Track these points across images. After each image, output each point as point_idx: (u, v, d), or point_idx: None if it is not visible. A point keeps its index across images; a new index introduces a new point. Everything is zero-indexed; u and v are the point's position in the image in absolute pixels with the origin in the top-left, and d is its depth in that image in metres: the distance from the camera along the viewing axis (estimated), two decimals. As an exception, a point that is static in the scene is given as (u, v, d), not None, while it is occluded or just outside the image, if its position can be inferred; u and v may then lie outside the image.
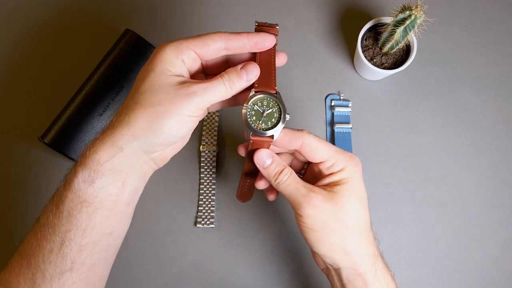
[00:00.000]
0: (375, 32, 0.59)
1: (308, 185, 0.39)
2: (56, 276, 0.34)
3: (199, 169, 0.59)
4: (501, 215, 0.58)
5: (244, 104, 0.39)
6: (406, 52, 0.58)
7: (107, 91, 0.57)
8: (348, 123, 0.61)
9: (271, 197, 0.45)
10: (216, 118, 0.61)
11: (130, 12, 0.65)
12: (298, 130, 0.40)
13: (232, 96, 0.39)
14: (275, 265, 0.57)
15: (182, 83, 0.36)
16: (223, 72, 0.38)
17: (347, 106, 0.61)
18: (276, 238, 0.58)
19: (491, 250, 0.57)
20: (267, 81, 0.39)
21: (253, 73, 0.38)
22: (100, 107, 0.57)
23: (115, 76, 0.58)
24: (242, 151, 0.42)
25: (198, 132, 0.61)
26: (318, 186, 0.39)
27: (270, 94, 0.39)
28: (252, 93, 0.39)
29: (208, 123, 0.61)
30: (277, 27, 0.40)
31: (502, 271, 0.56)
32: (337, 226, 0.38)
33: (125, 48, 0.58)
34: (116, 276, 0.56)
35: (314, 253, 0.43)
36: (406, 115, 0.61)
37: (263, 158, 0.40)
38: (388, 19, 0.56)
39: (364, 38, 0.59)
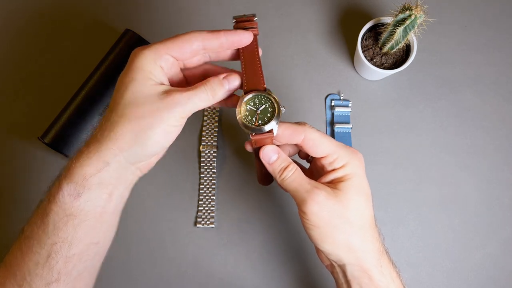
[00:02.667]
0: (375, 32, 0.59)
1: (312, 181, 0.39)
2: (43, 287, 0.35)
3: (199, 169, 0.59)
4: (501, 215, 0.58)
5: (237, 107, 0.39)
6: (406, 52, 0.58)
7: (107, 91, 0.57)
8: (348, 123, 0.61)
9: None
10: (216, 118, 0.61)
11: (130, 12, 0.65)
12: (299, 123, 0.40)
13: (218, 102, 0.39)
14: (275, 265, 0.57)
15: (166, 92, 0.36)
16: (205, 81, 0.37)
17: (347, 106, 0.61)
18: (276, 238, 0.58)
19: (491, 250, 0.57)
20: (254, 80, 0.39)
21: (234, 82, 0.39)
22: (100, 107, 0.57)
23: (115, 76, 0.58)
24: (248, 147, 0.42)
25: (198, 132, 0.61)
26: (322, 183, 0.39)
27: (260, 91, 0.39)
28: (242, 95, 0.39)
29: (208, 123, 0.61)
30: (256, 19, 0.40)
31: (502, 271, 0.56)
32: (341, 223, 0.38)
33: (125, 48, 0.58)
34: (116, 276, 0.56)
35: (318, 250, 0.43)
36: (406, 115, 0.61)
37: (269, 154, 0.40)
38: (388, 19, 0.56)
39: (364, 38, 0.59)
